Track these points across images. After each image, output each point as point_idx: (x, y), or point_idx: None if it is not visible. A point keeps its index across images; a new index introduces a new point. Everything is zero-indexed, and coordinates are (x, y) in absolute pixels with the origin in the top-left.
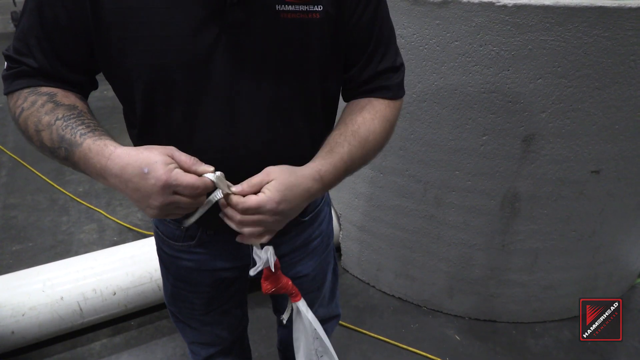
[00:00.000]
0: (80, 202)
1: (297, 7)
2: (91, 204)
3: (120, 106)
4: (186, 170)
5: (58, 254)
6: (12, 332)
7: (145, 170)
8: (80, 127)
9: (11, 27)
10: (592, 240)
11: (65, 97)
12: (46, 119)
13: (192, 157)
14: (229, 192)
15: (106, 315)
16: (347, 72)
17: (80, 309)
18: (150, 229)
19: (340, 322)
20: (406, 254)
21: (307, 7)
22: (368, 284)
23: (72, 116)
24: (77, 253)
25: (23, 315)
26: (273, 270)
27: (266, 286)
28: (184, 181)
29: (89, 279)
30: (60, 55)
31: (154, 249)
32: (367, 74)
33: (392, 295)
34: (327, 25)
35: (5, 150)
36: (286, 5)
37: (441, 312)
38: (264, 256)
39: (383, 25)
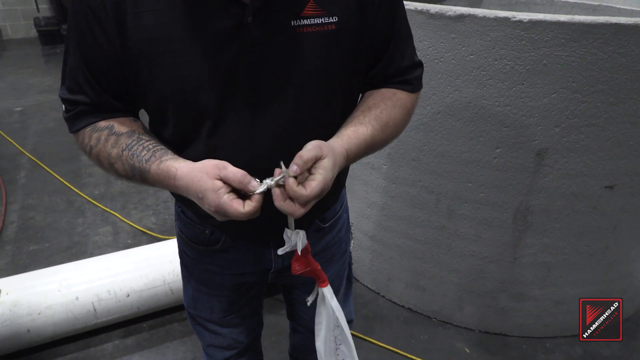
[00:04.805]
0: (96, 205)
1: (312, 20)
2: (106, 207)
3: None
4: (236, 187)
5: (73, 255)
6: (28, 330)
7: (200, 196)
8: (143, 153)
9: (34, 32)
10: (606, 256)
11: (122, 125)
12: (114, 152)
13: (240, 173)
14: (281, 183)
15: (119, 316)
16: (370, 70)
17: (95, 310)
18: (164, 232)
19: None
20: (417, 265)
21: (322, 20)
22: (378, 293)
23: (133, 143)
24: (91, 254)
25: (39, 314)
26: (300, 253)
27: (296, 267)
28: (230, 210)
29: (103, 280)
30: (106, 89)
31: (168, 253)
32: (391, 71)
33: (402, 306)
34: (345, 35)
35: (24, 152)
36: (301, 20)
37: (451, 324)
38: (294, 239)
39: (402, 20)
